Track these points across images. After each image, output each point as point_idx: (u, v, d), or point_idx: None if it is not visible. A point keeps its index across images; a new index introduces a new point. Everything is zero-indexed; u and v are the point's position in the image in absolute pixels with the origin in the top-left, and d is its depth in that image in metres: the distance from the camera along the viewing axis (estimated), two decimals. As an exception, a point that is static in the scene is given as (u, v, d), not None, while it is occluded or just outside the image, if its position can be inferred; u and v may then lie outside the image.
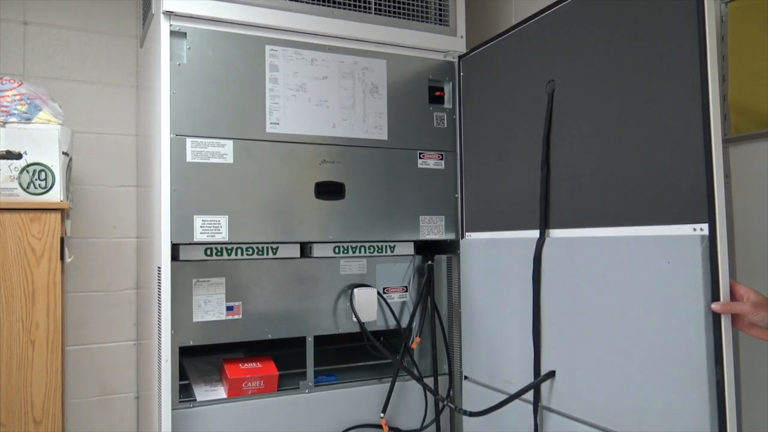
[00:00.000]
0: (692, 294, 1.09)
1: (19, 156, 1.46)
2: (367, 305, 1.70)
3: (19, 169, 1.46)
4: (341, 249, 1.72)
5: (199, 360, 1.71)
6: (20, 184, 1.46)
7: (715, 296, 1.07)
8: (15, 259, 1.45)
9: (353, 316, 1.68)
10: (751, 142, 1.33)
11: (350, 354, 1.83)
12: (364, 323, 1.68)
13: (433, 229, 1.78)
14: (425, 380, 1.72)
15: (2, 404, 1.42)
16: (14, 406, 1.43)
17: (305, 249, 1.70)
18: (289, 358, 1.68)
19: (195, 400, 1.54)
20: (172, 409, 1.48)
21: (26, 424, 1.43)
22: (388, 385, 1.72)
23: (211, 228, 1.52)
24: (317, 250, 1.69)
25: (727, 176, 1.13)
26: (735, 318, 1.07)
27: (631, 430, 1.21)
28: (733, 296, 1.07)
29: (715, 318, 1.06)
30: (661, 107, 1.18)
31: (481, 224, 1.71)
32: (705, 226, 1.09)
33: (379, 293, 1.73)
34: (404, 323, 1.77)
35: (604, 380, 1.27)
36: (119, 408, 1.94)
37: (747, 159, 1.33)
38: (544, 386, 1.43)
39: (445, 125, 1.81)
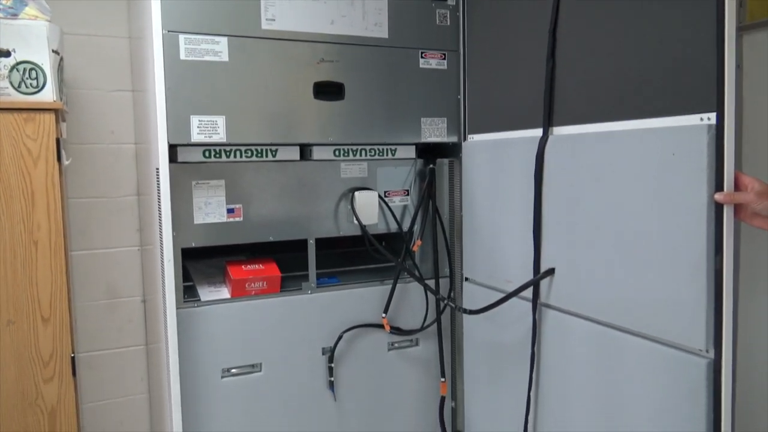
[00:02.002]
0: (696, 184, 1.07)
1: (7, 54, 1.42)
2: (368, 208, 1.69)
3: (9, 67, 1.42)
4: (341, 152, 1.70)
5: (203, 263, 1.72)
6: (11, 83, 1.43)
7: (719, 187, 1.05)
8: (11, 161, 1.43)
9: (354, 218, 1.68)
10: (767, 29, 1.27)
11: (352, 258, 1.84)
12: (365, 226, 1.68)
13: (434, 131, 1.75)
14: (426, 282, 1.74)
15: (10, 302, 1.45)
16: (22, 304, 1.45)
17: (305, 152, 1.68)
18: (292, 262, 1.70)
19: (199, 300, 1.57)
20: (177, 308, 1.50)
21: (35, 321, 1.47)
22: (390, 286, 1.74)
23: (208, 128, 1.49)
24: (317, 153, 1.67)
25: (738, 66, 1.09)
26: (738, 208, 1.06)
27: (630, 323, 1.22)
28: (738, 187, 1.05)
29: (718, 208, 1.05)
30: (674, -9, 1.12)
31: (484, 125, 1.68)
32: (713, 116, 1.06)
33: (380, 196, 1.72)
34: (405, 226, 1.77)
35: (604, 275, 1.27)
36: (127, 311, 1.98)
37: (761, 48, 1.27)
38: (544, 283, 1.44)
39: (448, 23, 1.74)
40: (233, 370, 1.60)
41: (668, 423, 1.15)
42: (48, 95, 1.46)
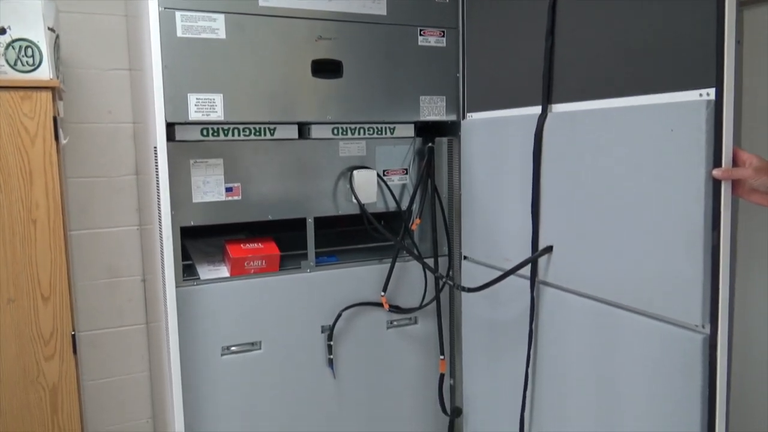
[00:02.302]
0: (694, 161, 1.07)
1: (3, 31, 1.41)
2: (366, 187, 1.69)
3: (4, 45, 1.41)
4: (340, 130, 1.69)
5: (202, 242, 1.73)
6: (7, 61, 1.42)
7: (717, 163, 1.05)
8: (9, 139, 1.43)
9: (353, 197, 1.68)
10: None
11: (351, 237, 1.84)
12: (363, 205, 1.68)
13: (433, 109, 1.74)
14: (425, 260, 1.74)
15: (10, 281, 1.45)
16: (22, 282, 1.46)
17: (303, 130, 1.67)
18: (291, 241, 1.70)
19: (198, 278, 1.58)
20: (177, 287, 1.51)
21: (35, 300, 1.48)
22: (389, 265, 1.75)
23: (206, 107, 1.49)
24: (316, 132, 1.67)
25: (738, 42, 1.08)
26: (736, 184, 1.06)
27: (627, 300, 1.23)
28: (736, 162, 1.05)
29: (715, 184, 1.05)
30: (675, -35, 1.11)
31: (483, 103, 1.67)
32: (712, 91, 1.05)
33: (378, 175, 1.72)
34: (404, 205, 1.77)
35: (601, 252, 1.28)
36: (127, 290, 1.99)
37: (762, 23, 1.26)
38: (542, 261, 1.44)
39: (447, 0, 1.72)
40: (233, 348, 1.61)
41: (663, 398, 1.16)
42: (44, 73, 1.45)
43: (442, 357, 1.83)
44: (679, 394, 1.13)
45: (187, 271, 1.58)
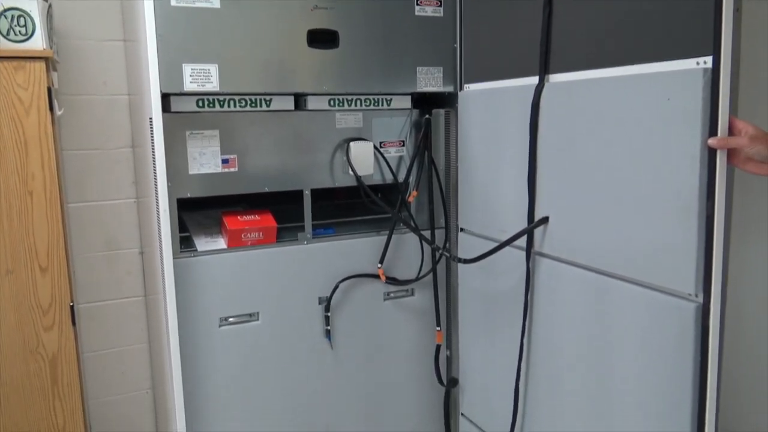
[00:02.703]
0: (690, 130, 1.07)
1: (-6, 0, 1.39)
2: (363, 159, 1.69)
3: (-3, 14, 1.40)
4: (336, 102, 1.68)
5: (199, 214, 1.73)
6: (0, 31, 1.41)
7: (713, 132, 1.05)
8: (3, 110, 1.43)
9: (350, 169, 1.68)
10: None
11: (348, 210, 1.84)
12: (360, 177, 1.68)
13: (430, 80, 1.73)
14: (422, 232, 1.75)
15: (8, 252, 1.46)
16: (19, 254, 1.47)
17: (300, 102, 1.67)
18: (288, 214, 1.70)
19: (196, 250, 1.58)
20: (174, 258, 1.51)
21: (33, 271, 1.48)
22: (385, 237, 1.75)
23: (201, 77, 1.48)
24: (312, 103, 1.66)
25: (737, 9, 1.07)
26: (731, 154, 1.06)
27: (621, 270, 1.24)
28: (731, 131, 1.05)
29: (711, 153, 1.05)
30: (674, -69, 1.09)
31: (480, 74, 1.66)
32: (709, 59, 1.05)
33: (375, 147, 1.72)
34: (401, 177, 1.77)
35: (597, 223, 1.28)
36: (125, 263, 2.00)
37: (761, -9, 1.25)
38: (538, 232, 1.45)
39: (445, -31, 1.70)
40: (231, 319, 1.62)
41: (656, 366, 1.17)
42: (38, 43, 1.44)
43: (438, 328, 1.85)
44: (672, 362, 1.14)
45: (184, 243, 1.58)
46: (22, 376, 1.51)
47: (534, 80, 1.43)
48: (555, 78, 1.39)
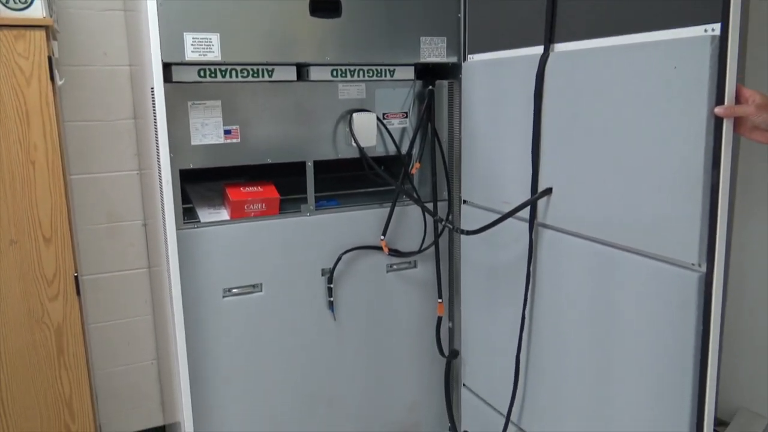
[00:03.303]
0: (696, 98, 1.06)
1: (-7, -33, 1.37)
2: (366, 130, 1.68)
3: (-5, -19, 1.38)
4: (339, 72, 1.67)
5: (202, 186, 1.73)
6: (-1, -1, 1.39)
7: (719, 100, 1.04)
8: (4, 79, 1.42)
9: (352, 141, 1.67)
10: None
11: (351, 182, 1.84)
12: (363, 148, 1.67)
13: (434, 51, 1.71)
14: (425, 204, 1.75)
15: (12, 222, 1.46)
16: (23, 224, 1.47)
17: (302, 72, 1.65)
18: (291, 186, 1.70)
19: (199, 221, 1.58)
20: (177, 229, 1.51)
21: (36, 241, 1.49)
22: (388, 209, 1.75)
23: (202, 46, 1.46)
24: (314, 73, 1.64)
25: (747, -24, 1.06)
26: (737, 122, 1.05)
27: (624, 240, 1.24)
28: (738, 100, 1.04)
29: (717, 122, 1.04)
30: None
31: (484, 44, 1.64)
32: (717, 27, 1.03)
33: (378, 118, 1.71)
34: (404, 149, 1.76)
35: (601, 193, 1.28)
36: (128, 235, 2.01)
37: (771, -43, 1.23)
38: (541, 203, 1.45)
39: (449, -64, 1.68)
40: (234, 290, 1.63)
41: (658, 336, 1.18)
42: (37, 11, 1.42)
43: (440, 300, 1.86)
44: (674, 332, 1.15)
45: (187, 215, 1.58)
46: (28, 345, 1.52)
47: (539, 50, 1.42)
48: (560, 47, 1.37)
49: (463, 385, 1.90)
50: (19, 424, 1.54)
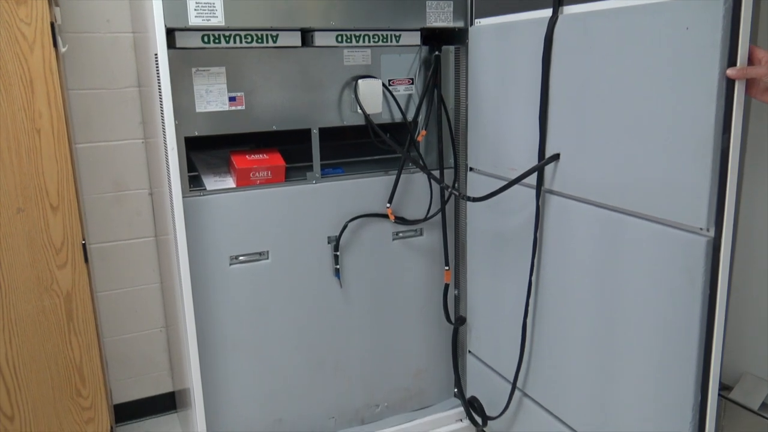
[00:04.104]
0: (708, 60, 1.04)
1: (-8, -70, 1.35)
2: (371, 97, 1.66)
3: (-5, -55, 1.36)
4: (344, 38, 1.65)
5: (207, 154, 1.72)
6: (-1, -37, 1.37)
7: (732, 62, 1.02)
8: (7, 46, 1.40)
9: (358, 108, 1.66)
10: None
11: (356, 150, 1.83)
12: (369, 115, 1.66)
13: (440, 15, 1.68)
14: (431, 172, 1.74)
15: (18, 190, 1.46)
16: (30, 192, 1.47)
17: (307, 38, 1.63)
18: (296, 154, 1.69)
19: (205, 189, 1.58)
20: (183, 197, 1.52)
21: (43, 209, 1.49)
22: (394, 177, 1.74)
23: (206, 11, 1.45)
24: (319, 39, 1.62)
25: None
26: (749, 85, 1.03)
27: (632, 205, 1.23)
28: (751, 61, 1.02)
29: (728, 84, 1.03)
30: None
31: (492, 8, 1.62)
32: (731, -14, 1.01)
33: (384, 85, 1.69)
34: (410, 116, 1.75)
35: (609, 158, 1.26)
36: (135, 203, 2.01)
37: None
38: (548, 170, 1.44)
39: None
40: (241, 258, 1.64)
41: (665, 301, 1.18)
42: (38, -24, 1.41)
43: (446, 268, 1.86)
44: (681, 297, 1.15)
45: (193, 183, 1.58)
46: (38, 312, 1.54)
47: (547, 12, 1.39)
48: (569, 9, 1.35)
49: (469, 351, 1.91)
50: (31, 389, 1.57)
